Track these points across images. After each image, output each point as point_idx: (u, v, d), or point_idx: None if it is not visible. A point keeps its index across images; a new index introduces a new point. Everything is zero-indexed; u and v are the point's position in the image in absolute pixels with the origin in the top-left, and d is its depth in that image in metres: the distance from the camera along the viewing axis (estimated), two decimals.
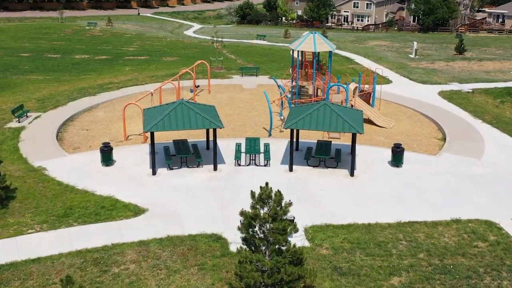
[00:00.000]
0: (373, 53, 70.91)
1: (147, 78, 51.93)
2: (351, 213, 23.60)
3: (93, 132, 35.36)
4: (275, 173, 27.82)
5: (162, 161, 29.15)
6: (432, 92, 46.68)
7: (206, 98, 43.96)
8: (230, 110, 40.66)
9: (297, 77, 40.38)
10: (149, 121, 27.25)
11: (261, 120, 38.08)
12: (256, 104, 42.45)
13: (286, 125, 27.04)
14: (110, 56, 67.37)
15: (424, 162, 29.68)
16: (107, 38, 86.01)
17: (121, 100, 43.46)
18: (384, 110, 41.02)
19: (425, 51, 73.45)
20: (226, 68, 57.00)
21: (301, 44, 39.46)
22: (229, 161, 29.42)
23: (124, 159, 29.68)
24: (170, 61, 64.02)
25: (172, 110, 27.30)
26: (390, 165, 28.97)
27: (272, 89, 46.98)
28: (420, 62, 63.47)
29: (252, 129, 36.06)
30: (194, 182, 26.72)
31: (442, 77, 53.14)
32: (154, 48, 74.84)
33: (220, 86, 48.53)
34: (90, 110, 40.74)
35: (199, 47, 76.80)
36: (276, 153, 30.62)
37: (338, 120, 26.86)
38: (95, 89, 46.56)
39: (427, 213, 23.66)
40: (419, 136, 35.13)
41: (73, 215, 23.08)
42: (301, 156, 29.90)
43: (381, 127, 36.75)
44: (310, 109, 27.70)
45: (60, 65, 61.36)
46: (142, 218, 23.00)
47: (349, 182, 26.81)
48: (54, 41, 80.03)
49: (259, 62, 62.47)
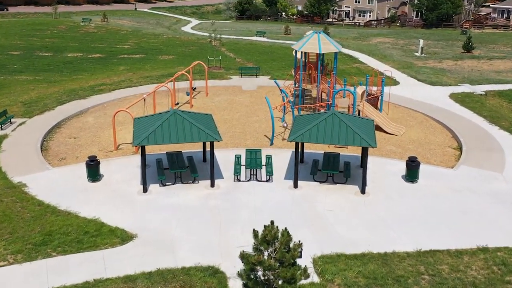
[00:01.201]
0: (377, 51, 68.27)
1: (141, 79, 49.32)
2: (365, 239, 21.06)
3: (81, 141, 32.78)
4: (278, 190, 25.28)
5: (154, 175, 26.60)
6: (442, 95, 44.08)
7: (204, 102, 41.39)
8: (229, 115, 38.09)
9: (300, 80, 37.77)
10: (139, 133, 24.65)
11: (262, 126, 35.53)
12: (256, 108, 39.88)
13: (291, 138, 24.46)
14: (104, 55, 64.71)
15: (441, 177, 27.12)
16: (102, 35, 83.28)
17: (112, 103, 40.85)
18: (392, 115, 38.46)
19: (431, 49, 70.81)
20: (224, 68, 54.37)
21: (305, 45, 36.83)
22: (228, 175, 26.86)
23: (113, 173, 27.10)
24: (166, 60, 61.37)
25: (164, 121, 24.71)
26: (404, 180, 26.40)
27: (273, 91, 44.42)
28: (427, 61, 60.84)
29: (253, 137, 33.50)
30: (189, 201, 24.15)
31: (452, 78, 50.53)
32: (150, 46, 72.15)
33: (218, 88, 45.92)
34: (79, 115, 38.13)
35: (196, 45, 74.12)
36: (279, 165, 28.08)
37: (348, 132, 24.28)
38: (86, 91, 43.93)
39: (450, 239, 21.11)
40: (433, 145, 32.57)
41: (52, 242, 20.51)
42: (307, 169, 27.34)
43: (391, 134, 34.19)
44: (316, 120, 25.12)
45: (51, 64, 58.71)
46: (130, 246, 20.44)
47: (360, 201, 24.25)
48: (46, 38, 77.31)
49: (259, 61, 59.85)
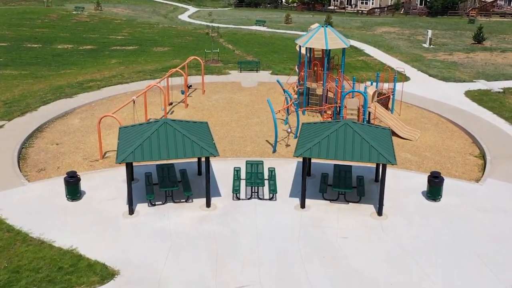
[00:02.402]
0: (383, 42, 64.96)
1: (133, 74, 46.08)
2: (386, 277, 18.03)
3: (64, 147, 29.65)
4: (283, 211, 22.21)
5: (142, 192, 23.53)
6: (457, 92, 40.93)
7: (200, 100, 38.21)
8: (227, 116, 34.95)
9: (304, 78, 34.57)
10: (123, 147, 21.51)
11: (263, 129, 32.42)
12: (257, 107, 36.73)
13: (298, 153, 21.34)
14: (95, 46, 61.42)
15: (466, 193, 24.06)
16: (95, 24, 79.80)
17: (101, 103, 37.67)
18: (405, 116, 35.36)
19: (439, 40, 67.50)
20: (222, 62, 51.09)
21: (310, 40, 33.60)
22: (226, 192, 23.79)
23: (96, 189, 24.00)
24: (161, 52, 58.06)
25: (153, 132, 21.57)
26: (426, 198, 23.34)
27: (274, 88, 41.28)
28: (437, 53, 57.56)
29: (254, 142, 30.41)
30: (181, 226, 21.08)
31: (465, 73, 47.34)
32: (145, 36, 68.76)
33: (216, 85, 42.71)
34: (64, 116, 34.95)
35: (193, 35, 70.72)
36: (283, 178, 25.03)
37: (363, 146, 21.17)
38: (73, 89, 40.71)
39: (487, 278, 18.06)
40: (452, 152, 29.50)
41: (19, 282, 17.47)
42: (315, 184, 24.29)
43: (405, 139, 31.12)
44: (326, 130, 22.01)
45: (39, 56, 55.46)
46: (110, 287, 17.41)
47: (378, 225, 21.19)
48: (36, 28, 73.90)
49: (259, 54, 56.60)
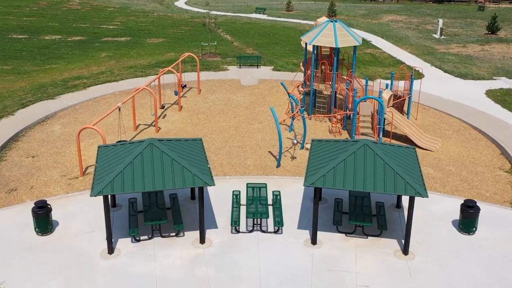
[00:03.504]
0: (390, 32, 61.17)
1: (124, 69, 42.45)
2: None
3: (41, 161, 26.17)
4: (291, 248, 18.79)
5: (125, 222, 20.10)
6: (477, 91, 37.39)
7: (195, 102, 34.65)
8: (225, 121, 31.45)
9: (311, 78, 30.99)
10: (101, 174, 18.02)
11: (266, 138, 28.96)
12: (258, 110, 33.21)
13: (308, 182, 17.87)
14: (85, 37, 57.61)
15: (504, 222, 20.63)
16: (86, 12, 75.84)
17: (86, 105, 34.10)
18: (422, 120, 31.88)
19: (449, 29, 63.70)
20: (220, 55, 47.43)
21: (318, 37, 29.96)
22: (223, 222, 20.36)
23: (72, 218, 20.55)
24: (155, 44, 54.29)
25: (136, 156, 18.08)
26: (457, 230, 19.92)
27: (277, 86, 37.73)
28: (449, 45, 53.83)
29: (255, 153, 26.96)
30: (169, 270, 17.66)
31: (483, 68, 43.72)
32: (138, 26, 64.90)
33: (213, 83, 39.11)
34: (44, 122, 31.43)
35: (190, 24, 66.85)
36: (290, 203, 21.62)
37: (386, 173, 17.70)
38: (57, 88, 37.12)
39: None
40: (479, 166, 26.05)
41: None
42: (327, 211, 20.89)
43: (425, 149, 27.69)
44: (342, 152, 18.54)
45: (25, 49, 51.70)
46: None
47: (404, 268, 17.78)
48: (24, 17, 69.96)
49: (259, 46, 52.91)
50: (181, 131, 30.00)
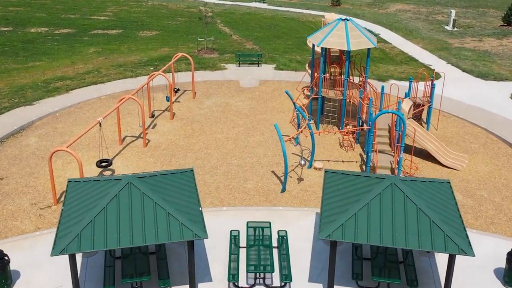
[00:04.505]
0: (399, 24, 57.37)
1: (112, 68, 38.86)
2: None
3: (10, 184, 22.74)
4: None
5: (100, 272, 16.68)
6: (501, 95, 33.85)
7: (189, 108, 31.13)
8: (222, 132, 27.98)
9: (320, 85, 27.44)
10: (66, 224, 14.55)
11: (268, 153, 25.54)
12: (259, 118, 29.74)
13: (324, 234, 14.43)
14: (73, 30, 53.86)
15: None
16: (76, 1, 71.94)
17: (68, 113, 30.59)
18: (443, 131, 28.44)
19: (461, 20, 59.86)
20: (218, 51, 43.80)
21: (327, 38, 26.35)
22: (219, 272, 16.95)
23: (36, 268, 17.15)
24: (148, 38, 50.57)
25: (111, 200, 14.61)
26: (502, 283, 16.49)
27: (279, 88, 34.24)
28: (464, 39, 50.10)
29: (256, 174, 23.57)
30: None
31: (504, 67, 40.11)
32: (131, 17, 61.06)
33: (210, 85, 35.53)
34: (18, 133, 27.94)
35: (186, 15, 63.00)
36: (298, 246, 18.21)
37: (421, 223, 14.28)
38: (37, 91, 33.58)
39: None
40: None
41: None
42: (342, 254, 17.50)
43: (449, 168, 24.29)
44: (364, 194, 15.09)
45: (7, 44, 48.01)
46: None
47: None
48: (10, 7, 66.12)
49: (259, 39, 49.25)
50: (172, 144, 26.54)
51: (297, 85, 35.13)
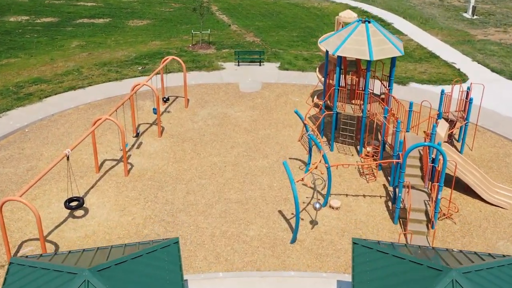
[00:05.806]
0: (413, 11, 52.51)
1: (95, 68, 34.38)
2: None
3: None
4: None
5: None
6: None
7: (181, 122, 26.73)
8: (219, 154, 23.63)
9: (334, 102, 22.99)
10: None
11: (274, 185, 21.28)
12: (262, 135, 25.40)
13: None
14: (56, 18, 49.01)
15: None
16: None
17: (39, 127, 26.19)
18: (479, 151, 24.15)
19: (479, 6, 54.96)
20: (215, 45, 39.19)
21: (344, 44, 21.79)
22: None
23: None
24: (138, 28, 45.81)
25: None
26: None
27: (285, 94, 29.91)
28: (487, 30, 45.36)
29: (260, 215, 19.35)
30: None
31: None
32: (120, 3, 56.08)
33: (205, 89, 31.06)
34: None
35: (180, 1, 57.99)
36: None
37: None
38: (6, 98, 29.21)
39: None
40: None
41: None
42: None
43: (494, 205, 20.01)
44: None
45: None
46: None
47: None
48: None
49: (261, 30, 44.57)
50: (159, 172, 22.21)
51: (304, 89, 30.71)
